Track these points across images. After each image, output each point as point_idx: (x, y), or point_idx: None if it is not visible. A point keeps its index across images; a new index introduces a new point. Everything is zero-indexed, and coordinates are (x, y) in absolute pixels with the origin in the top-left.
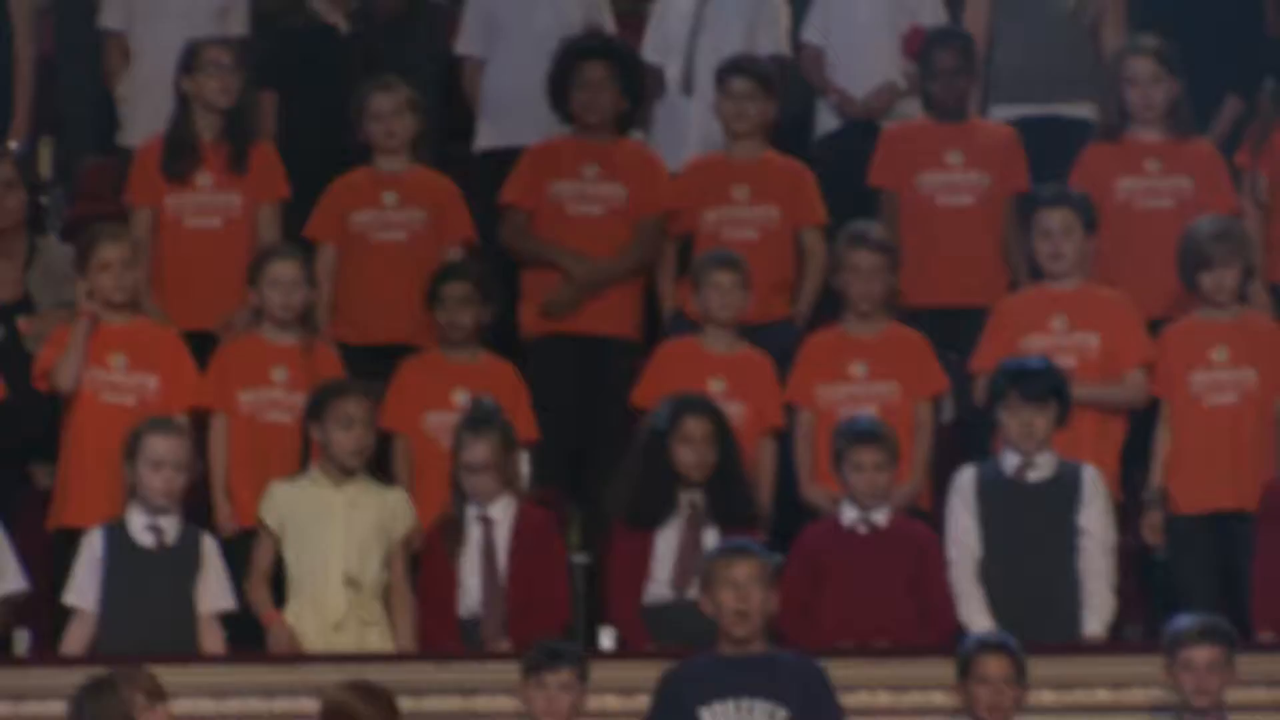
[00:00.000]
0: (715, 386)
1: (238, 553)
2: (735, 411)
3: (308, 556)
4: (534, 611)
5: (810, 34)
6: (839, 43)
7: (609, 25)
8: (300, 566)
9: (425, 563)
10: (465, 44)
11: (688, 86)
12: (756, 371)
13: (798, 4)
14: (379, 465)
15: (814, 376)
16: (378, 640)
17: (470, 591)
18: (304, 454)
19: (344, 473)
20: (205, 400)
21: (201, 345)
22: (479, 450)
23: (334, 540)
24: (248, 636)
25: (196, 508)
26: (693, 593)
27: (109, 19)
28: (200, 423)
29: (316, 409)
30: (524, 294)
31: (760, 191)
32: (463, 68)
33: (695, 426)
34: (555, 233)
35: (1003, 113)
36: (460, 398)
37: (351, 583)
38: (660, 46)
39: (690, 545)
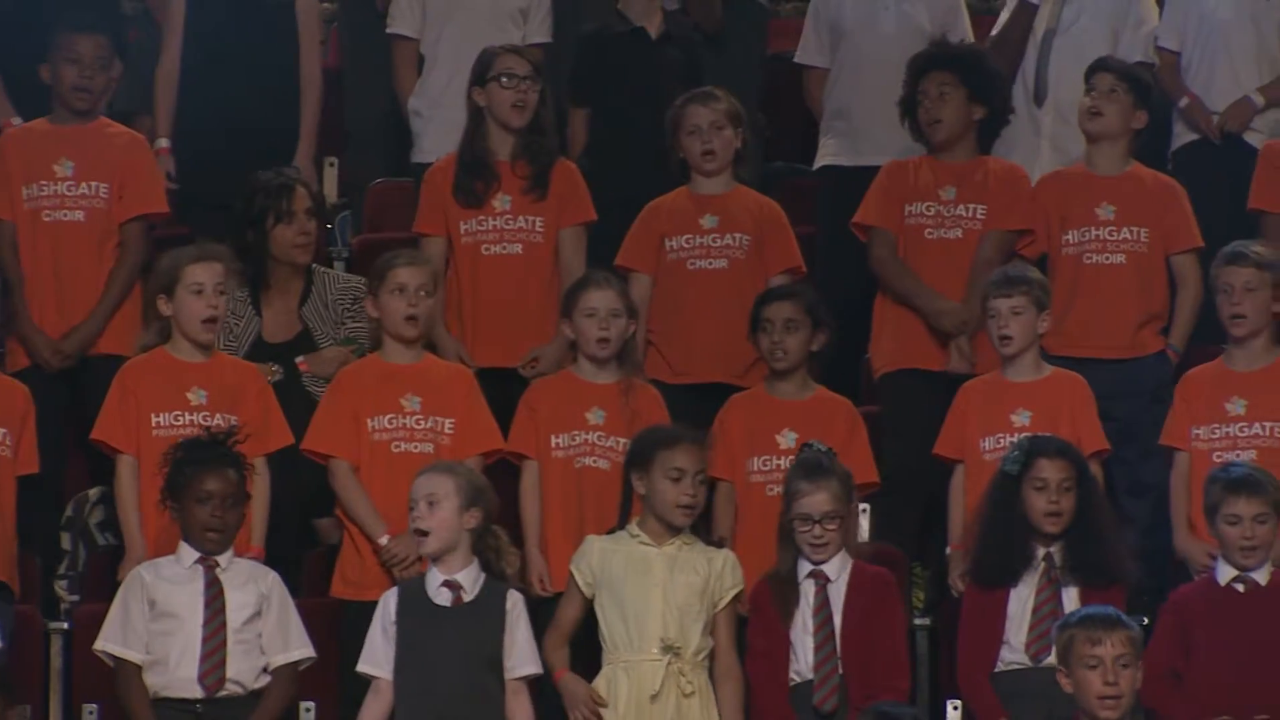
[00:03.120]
0: (1020, 419)
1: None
2: None
3: (623, 620)
4: (872, 678)
5: (1166, 38)
6: (1195, 48)
7: (964, 29)
8: (614, 630)
9: (753, 624)
10: (806, 53)
11: (1039, 94)
12: (1067, 394)
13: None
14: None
15: (1189, 418)
16: (698, 712)
17: (802, 655)
18: (623, 507)
19: (668, 530)
20: (506, 446)
21: (506, 384)
22: (817, 501)
23: (652, 603)
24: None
25: None
26: (1050, 659)
27: (399, 24)
28: (507, 470)
29: (641, 458)
30: (876, 325)
31: (1127, 211)
32: (804, 79)
33: (1051, 470)
34: (912, 258)
35: None
36: (787, 439)
37: (670, 649)
38: None
39: (1046, 606)
